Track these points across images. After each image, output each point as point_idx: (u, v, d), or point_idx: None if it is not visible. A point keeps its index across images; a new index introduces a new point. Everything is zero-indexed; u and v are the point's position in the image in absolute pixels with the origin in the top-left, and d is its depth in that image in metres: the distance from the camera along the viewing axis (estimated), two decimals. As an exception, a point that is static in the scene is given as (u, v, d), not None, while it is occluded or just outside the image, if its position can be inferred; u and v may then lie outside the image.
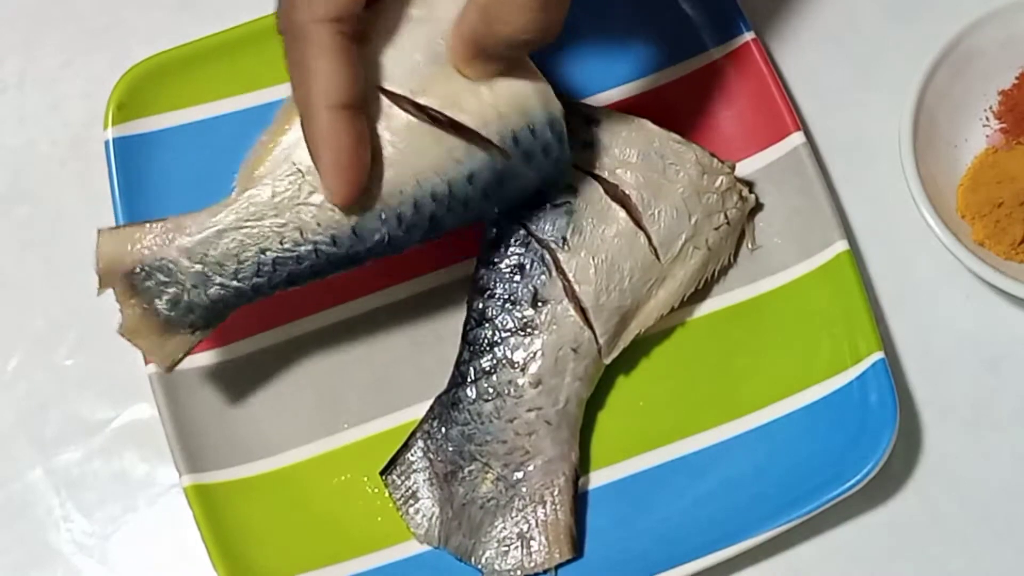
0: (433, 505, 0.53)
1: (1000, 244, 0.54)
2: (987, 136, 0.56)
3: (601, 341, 0.52)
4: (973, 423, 0.55)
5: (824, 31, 0.60)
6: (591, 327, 0.52)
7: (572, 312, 0.52)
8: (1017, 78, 0.56)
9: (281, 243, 0.48)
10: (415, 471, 0.53)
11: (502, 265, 0.52)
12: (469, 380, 0.52)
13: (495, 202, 0.49)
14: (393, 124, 0.47)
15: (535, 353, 0.52)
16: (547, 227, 0.52)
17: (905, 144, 0.54)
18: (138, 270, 0.48)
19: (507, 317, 0.52)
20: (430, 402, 0.53)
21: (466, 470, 0.52)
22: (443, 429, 0.53)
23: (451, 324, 0.54)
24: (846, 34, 0.60)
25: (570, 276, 0.52)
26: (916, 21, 0.60)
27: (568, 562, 0.52)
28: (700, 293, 0.55)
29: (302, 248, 0.48)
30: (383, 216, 0.47)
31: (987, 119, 0.57)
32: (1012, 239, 0.54)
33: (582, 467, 0.53)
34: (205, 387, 0.54)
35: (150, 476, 0.55)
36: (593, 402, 0.54)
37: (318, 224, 0.48)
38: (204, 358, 0.55)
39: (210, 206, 0.48)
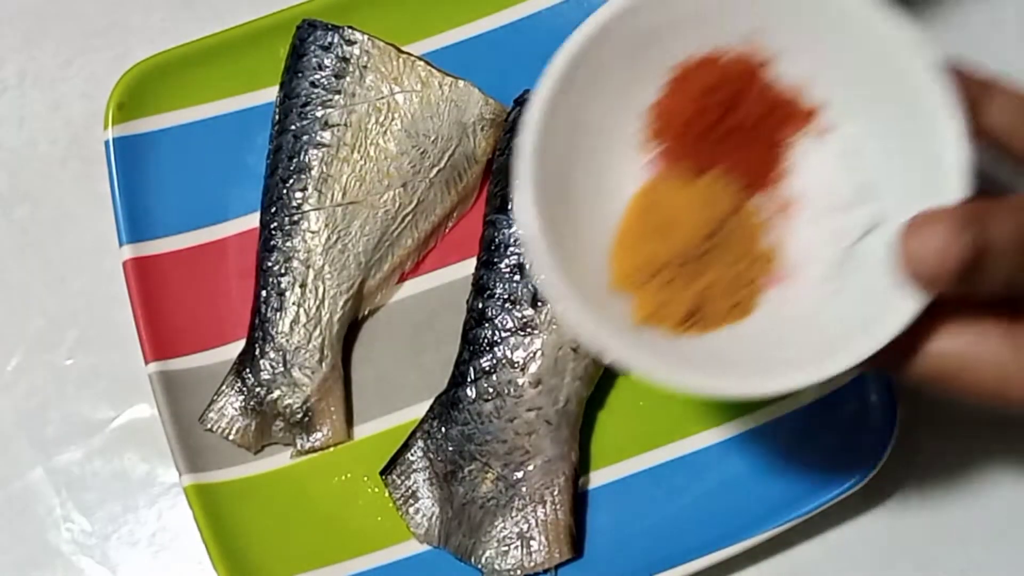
0: (433, 505, 0.53)
1: (669, 321, 0.41)
2: (641, 168, 0.43)
3: (601, 341, 0.52)
4: (973, 423, 0.55)
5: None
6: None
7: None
8: (667, 86, 0.43)
9: None
10: (415, 471, 0.53)
11: (502, 265, 0.52)
12: (469, 380, 0.52)
13: None
14: None
15: (535, 353, 0.52)
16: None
17: (526, 201, 0.40)
18: None
19: (507, 317, 0.52)
20: (430, 402, 0.53)
21: (466, 470, 0.52)
22: (443, 429, 0.53)
23: (451, 324, 0.54)
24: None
25: (570, 276, 0.51)
26: (916, 19, 0.60)
27: (568, 562, 0.52)
28: (700, 293, 0.54)
29: None
30: None
31: (638, 147, 0.44)
32: (679, 313, 0.41)
33: (582, 467, 0.53)
34: (205, 387, 0.54)
35: (150, 476, 0.55)
36: (593, 402, 0.54)
37: None
38: (204, 358, 0.55)
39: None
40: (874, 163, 0.42)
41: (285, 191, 0.55)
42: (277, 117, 0.56)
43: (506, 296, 0.52)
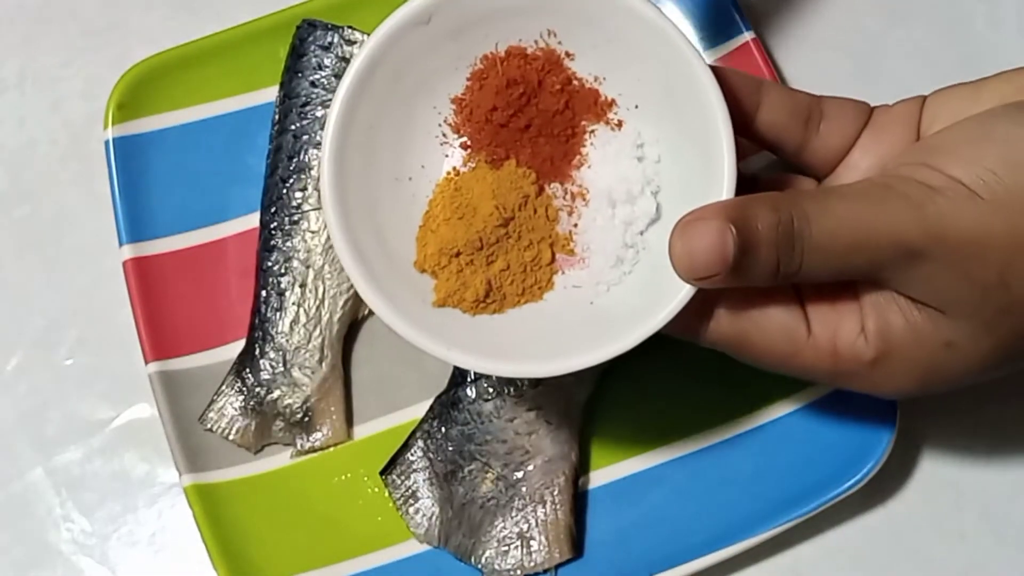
0: (433, 505, 0.53)
1: (464, 302, 0.45)
2: (447, 156, 0.47)
3: (601, 341, 0.52)
4: (973, 423, 0.55)
5: (824, 31, 0.60)
6: (591, 327, 0.52)
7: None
8: (469, 78, 0.47)
9: None
10: (415, 471, 0.53)
11: (502, 265, 0.53)
12: (469, 380, 0.52)
13: None
14: None
15: (535, 353, 0.52)
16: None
17: (327, 190, 0.44)
18: None
19: (507, 317, 0.52)
20: (430, 402, 0.53)
21: (466, 470, 0.52)
22: (443, 429, 0.53)
23: (451, 324, 0.54)
24: (846, 34, 0.60)
25: (569, 276, 0.52)
26: (916, 22, 0.60)
27: (568, 562, 0.52)
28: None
29: None
30: None
31: (444, 135, 0.48)
32: (475, 294, 0.45)
33: (582, 467, 0.53)
34: (205, 387, 0.54)
35: (150, 476, 0.55)
36: (593, 402, 0.54)
37: None
38: (204, 358, 0.55)
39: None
40: (660, 157, 0.46)
41: (285, 191, 0.55)
42: (277, 117, 0.56)
43: (506, 296, 0.52)
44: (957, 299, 0.41)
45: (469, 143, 0.47)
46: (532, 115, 0.46)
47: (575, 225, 0.46)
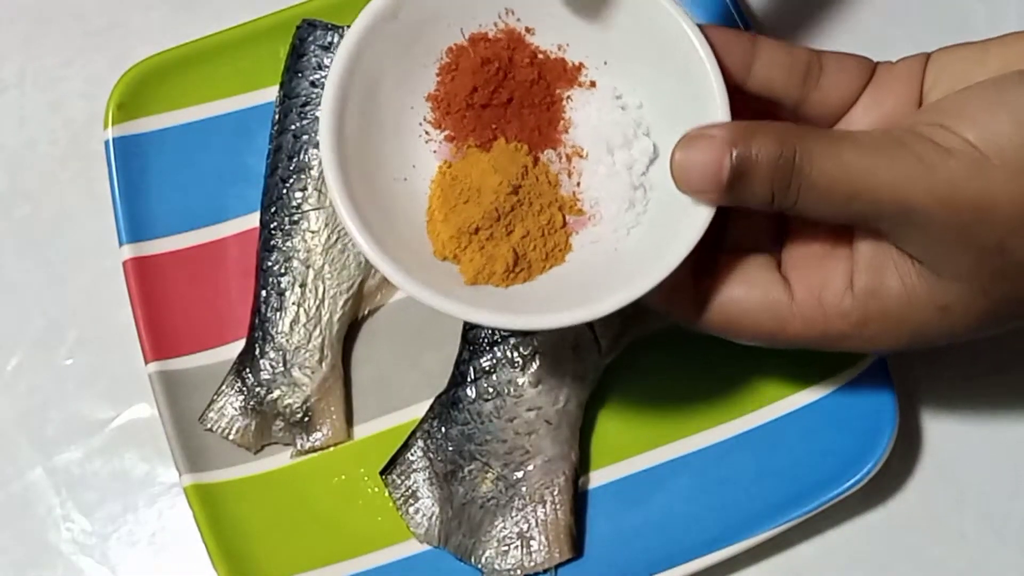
0: (433, 505, 0.53)
1: (495, 275, 0.45)
2: (434, 152, 0.48)
3: (601, 340, 0.52)
4: (973, 423, 0.55)
5: (824, 31, 0.60)
6: (591, 326, 0.52)
7: (572, 312, 0.51)
8: (438, 73, 0.47)
9: None
10: (415, 471, 0.53)
11: (502, 265, 0.53)
12: (469, 379, 0.52)
13: None
14: None
15: (535, 352, 0.52)
16: (546, 227, 0.52)
17: (339, 201, 0.44)
18: None
19: (507, 317, 0.52)
20: (430, 402, 0.53)
21: (466, 469, 0.52)
22: (443, 429, 0.53)
23: (451, 324, 0.54)
24: (846, 34, 0.60)
25: (569, 276, 0.52)
26: (916, 22, 0.60)
27: (568, 562, 0.52)
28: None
29: None
30: None
31: (427, 132, 0.48)
32: (505, 263, 0.45)
33: (582, 467, 0.53)
34: (205, 387, 0.54)
35: (150, 476, 0.55)
36: (593, 401, 0.54)
37: None
38: (204, 358, 0.55)
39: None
40: (641, 103, 0.47)
41: (285, 191, 0.55)
42: (277, 117, 0.56)
43: (506, 296, 0.52)
44: (955, 263, 0.41)
45: (454, 134, 0.47)
46: (512, 87, 0.47)
47: (578, 185, 0.47)
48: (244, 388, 0.54)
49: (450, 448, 0.52)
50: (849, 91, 0.46)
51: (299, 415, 0.54)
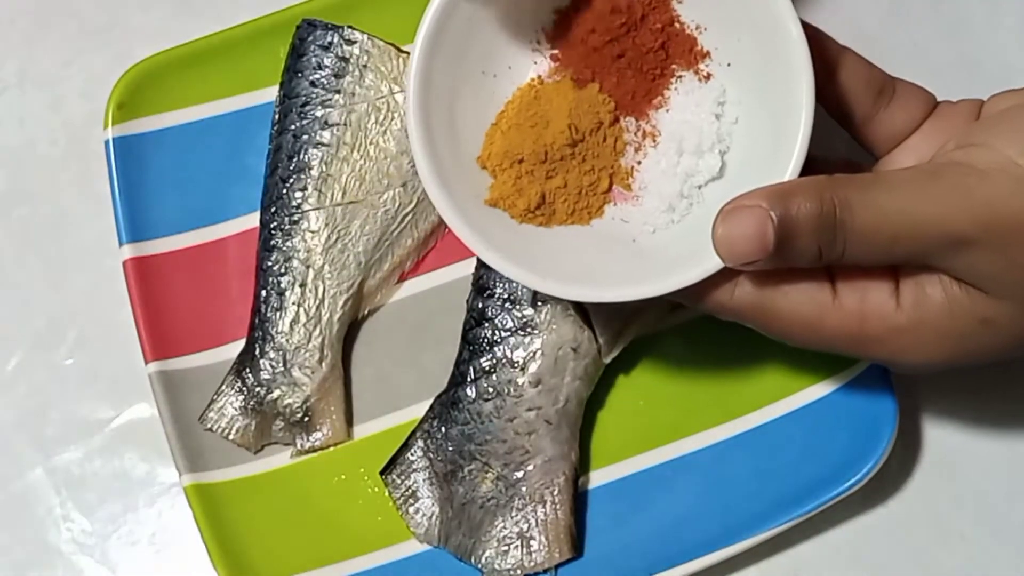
0: (433, 504, 0.53)
1: (515, 208, 0.46)
2: (535, 64, 0.48)
3: (601, 340, 0.52)
4: (973, 423, 0.55)
5: (823, 31, 0.60)
6: (590, 326, 0.52)
7: (571, 311, 0.52)
8: None
9: None
10: (415, 470, 0.53)
11: (502, 265, 0.53)
12: (469, 379, 0.52)
13: None
14: None
15: (535, 352, 0.52)
16: (546, 227, 0.52)
17: (414, 65, 0.44)
18: None
19: (507, 316, 0.52)
20: (430, 402, 0.53)
21: (466, 469, 0.52)
22: (443, 428, 0.53)
23: (451, 324, 0.54)
24: (845, 34, 0.60)
25: (570, 276, 0.52)
26: (916, 21, 0.60)
27: (568, 561, 0.52)
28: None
29: None
30: None
31: (538, 43, 0.48)
32: (527, 203, 0.46)
33: (582, 466, 0.53)
34: (205, 387, 0.54)
35: (150, 475, 0.55)
36: (593, 401, 0.54)
37: None
38: (204, 358, 0.55)
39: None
40: (737, 119, 0.47)
41: (285, 191, 0.55)
42: (277, 117, 0.56)
43: (506, 296, 0.52)
44: (1001, 281, 0.41)
45: (560, 56, 0.48)
46: (627, 47, 0.47)
47: (638, 163, 0.47)
48: (244, 388, 0.54)
49: (450, 448, 0.52)
50: (912, 119, 0.46)
51: (299, 415, 0.54)
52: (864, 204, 0.41)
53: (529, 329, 0.52)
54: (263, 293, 0.54)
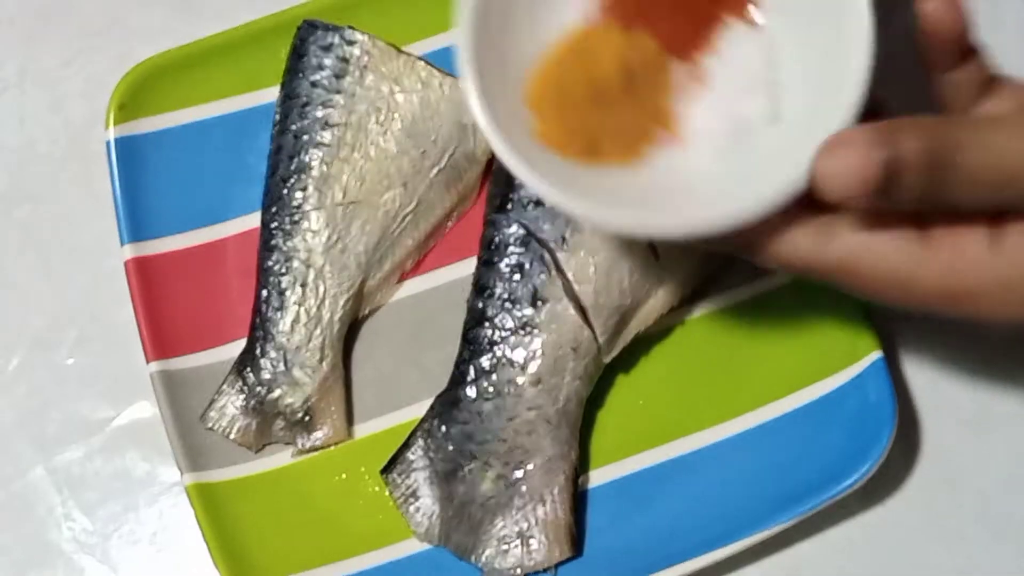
0: (433, 503, 0.53)
1: (563, 144, 0.45)
2: (584, 6, 0.47)
3: (601, 340, 0.52)
4: (973, 423, 0.55)
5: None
6: (590, 326, 0.52)
7: (572, 311, 0.52)
8: None
9: None
10: (415, 470, 0.53)
11: (502, 265, 0.53)
12: (469, 379, 0.52)
13: None
14: None
15: (535, 352, 0.52)
16: (546, 227, 0.52)
17: (465, 18, 0.43)
18: None
19: (507, 316, 0.52)
20: (430, 401, 0.53)
21: (466, 469, 0.52)
22: (443, 428, 0.53)
23: (451, 324, 0.54)
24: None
25: (569, 275, 0.52)
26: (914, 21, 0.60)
27: (567, 561, 0.52)
28: (699, 292, 0.55)
29: None
30: None
31: None
32: (574, 141, 0.45)
33: (582, 466, 0.53)
34: (206, 386, 0.54)
35: (151, 475, 0.55)
36: (593, 401, 0.54)
37: None
38: (205, 357, 0.55)
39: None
40: (788, 66, 0.45)
41: (286, 191, 0.55)
42: (278, 117, 0.56)
43: (506, 296, 0.52)
44: None
45: (608, 1, 0.46)
46: None
47: (687, 107, 0.46)
48: (245, 387, 0.54)
49: (450, 447, 0.53)
50: (1001, 77, 0.44)
51: (300, 414, 0.54)
52: (974, 144, 0.39)
53: (529, 329, 0.52)
54: (264, 293, 0.54)
